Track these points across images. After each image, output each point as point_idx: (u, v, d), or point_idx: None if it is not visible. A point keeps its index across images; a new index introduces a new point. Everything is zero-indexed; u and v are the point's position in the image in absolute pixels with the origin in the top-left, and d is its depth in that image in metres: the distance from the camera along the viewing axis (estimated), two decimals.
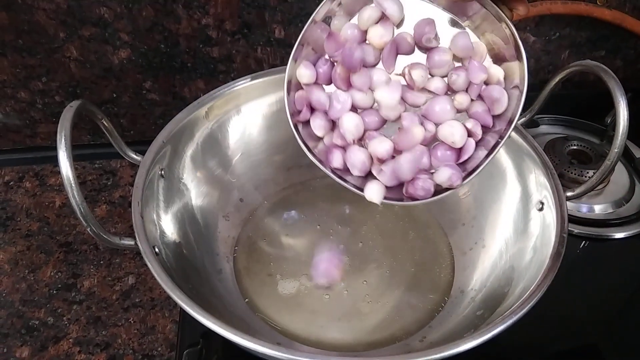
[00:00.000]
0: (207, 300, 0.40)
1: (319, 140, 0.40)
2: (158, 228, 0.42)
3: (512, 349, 0.45)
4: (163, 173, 0.44)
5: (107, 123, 0.42)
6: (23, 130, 0.61)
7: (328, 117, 0.38)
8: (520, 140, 0.46)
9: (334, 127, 0.39)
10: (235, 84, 0.50)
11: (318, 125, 0.39)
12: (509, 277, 0.42)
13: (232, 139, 0.52)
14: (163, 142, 0.44)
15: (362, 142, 0.38)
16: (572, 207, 0.55)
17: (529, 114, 0.50)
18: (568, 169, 0.56)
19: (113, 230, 0.54)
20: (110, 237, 0.37)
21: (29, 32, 0.52)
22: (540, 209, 0.43)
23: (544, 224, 0.42)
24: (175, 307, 0.47)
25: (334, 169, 0.39)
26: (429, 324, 0.44)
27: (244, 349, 0.32)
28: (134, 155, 0.44)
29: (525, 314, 0.34)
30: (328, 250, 0.50)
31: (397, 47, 0.38)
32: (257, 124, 0.52)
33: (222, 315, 0.35)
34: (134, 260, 0.51)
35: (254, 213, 0.53)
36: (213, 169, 0.51)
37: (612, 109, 0.39)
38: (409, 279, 0.48)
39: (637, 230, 0.54)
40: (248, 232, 0.52)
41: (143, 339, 0.45)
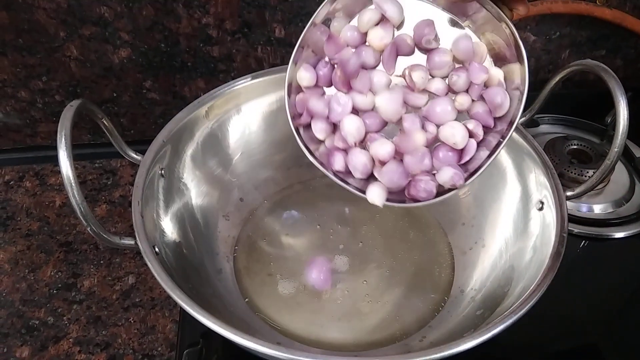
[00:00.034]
0: (207, 300, 0.40)
1: (321, 143, 0.39)
2: (158, 227, 0.42)
3: (512, 349, 0.45)
4: (163, 172, 0.44)
5: (107, 122, 0.42)
6: (23, 130, 0.61)
7: (329, 120, 0.38)
8: (520, 140, 0.46)
9: (335, 129, 0.39)
10: (236, 84, 0.50)
11: (319, 129, 0.39)
12: (509, 276, 0.42)
13: (232, 139, 0.52)
14: (163, 141, 0.44)
15: (363, 144, 0.38)
16: (572, 206, 0.55)
17: (529, 114, 0.51)
18: (568, 169, 0.56)
19: (113, 230, 0.54)
20: (111, 236, 0.37)
21: (29, 31, 0.52)
22: (540, 209, 0.43)
23: (544, 224, 0.42)
24: (176, 306, 0.47)
25: (336, 172, 0.39)
26: (429, 324, 0.44)
27: (244, 349, 0.32)
28: (134, 155, 0.44)
29: (525, 314, 0.34)
30: (319, 258, 0.48)
31: (397, 48, 0.38)
32: (257, 124, 0.52)
33: (222, 315, 0.35)
34: (134, 260, 0.51)
35: (254, 213, 0.53)
36: (213, 169, 0.51)
37: (612, 109, 0.39)
38: (409, 279, 0.48)
39: (637, 230, 0.53)
40: (248, 231, 0.52)
41: (143, 339, 0.45)
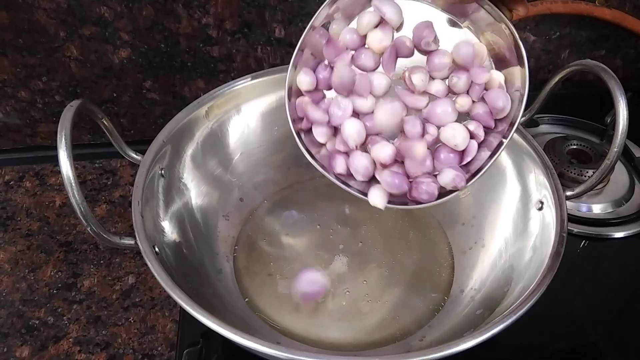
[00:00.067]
0: (207, 300, 0.40)
1: (322, 146, 0.40)
2: (158, 227, 0.42)
3: (511, 349, 0.45)
4: (163, 172, 0.44)
5: (107, 122, 0.42)
6: (23, 130, 0.61)
7: (330, 123, 0.38)
8: (520, 140, 0.46)
9: (336, 132, 0.39)
10: (236, 84, 0.50)
11: (320, 132, 0.39)
12: (509, 276, 0.42)
13: (232, 139, 0.52)
14: (163, 141, 0.44)
15: (364, 146, 0.38)
16: (571, 206, 0.55)
17: (529, 114, 0.50)
18: (568, 169, 0.56)
19: (113, 230, 0.54)
20: (110, 236, 0.37)
21: (29, 31, 0.53)
22: (540, 209, 0.43)
23: (544, 224, 0.42)
24: (175, 306, 0.47)
25: (338, 175, 0.39)
26: (429, 324, 0.44)
27: (244, 348, 0.32)
28: (134, 155, 0.44)
29: (525, 314, 0.34)
30: (309, 272, 0.47)
31: (396, 51, 0.38)
32: (257, 124, 0.52)
33: (222, 315, 0.35)
34: (134, 260, 0.51)
35: (254, 212, 0.53)
36: (213, 169, 0.51)
37: (611, 109, 0.39)
38: (409, 279, 0.48)
39: (636, 230, 0.53)
40: (248, 231, 0.52)
41: (143, 339, 0.45)
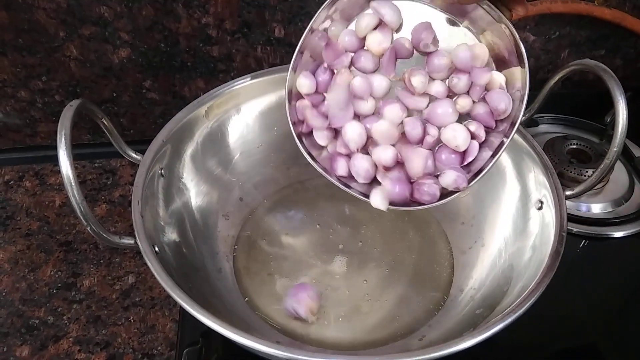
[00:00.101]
0: (206, 299, 0.40)
1: (323, 148, 0.40)
2: (158, 227, 0.42)
3: (511, 348, 0.45)
4: (163, 172, 0.44)
5: (107, 122, 0.42)
6: (23, 130, 0.61)
7: (330, 126, 0.38)
8: (520, 140, 0.46)
9: (337, 134, 0.39)
10: (235, 83, 0.50)
11: (321, 135, 0.39)
12: (508, 276, 0.42)
13: (231, 138, 0.52)
14: (163, 141, 0.44)
15: (366, 147, 0.38)
16: (571, 206, 0.55)
17: (529, 113, 0.51)
18: (567, 168, 0.56)
19: (113, 230, 0.54)
20: (110, 236, 0.37)
21: (29, 31, 0.53)
22: (540, 208, 0.43)
23: (543, 223, 0.42)
24: (175, 306, 0.47)
25: (339, 177, 0.39)
26: (428, 323, 0.44)
27: (244, 348, 0.32)
28: (134, 155, 0.44)
29: (524, 313, 0.34)
30: (302, 286, 0.45)
31: (395, 52, 0.38)
32: (256, 123, 0.52)
33: (221, 314, 0.36)
34: (134, 259, 0.51)
35: (254, 212, 0.54)
36: (213, 168, 0.51)
37: (611, 108, 0.39)
38: (409, 278, 0.48)
39: (636, 229, 0.53)
40: (248, 231, 0.52)
41: (143, 338, 0.45)
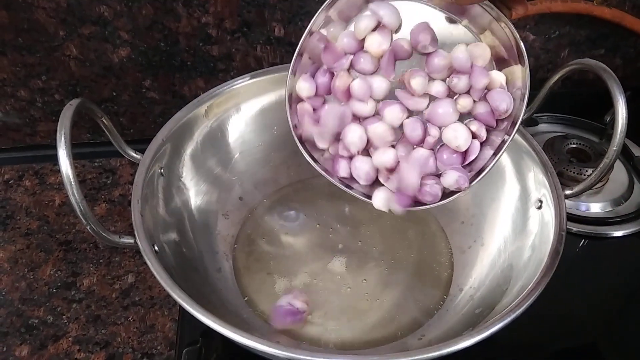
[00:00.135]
0: (206, 299, 0.40)
1: (324, 150, 0.40)
2: (157, 226, 0.42)
3: (510, 348, 0.45)
4: (163, 171, 0.44)
5: (106, 121, 0.42)
6: (23, 129, 0.61)
7: None
8: (520, 139, 0.46)
9: (338, 135, 0.39)
10: (235, 83, 0.50)
11: (321, 140, 0.39)
12: (508, 275, 0.42)
13: (231, 138, 0.52)
14: (163, 140, 0.44)
15: (367, 148, 0.38)
16: (570, 205, 0.55)
17: (528, 112, 0.50)
18: (567, 168, 0.56)
19: (112, 229, 0.54)
20: (110, 235, 0.37)
21: (29, 30, 0.52)
22: (539, 207, 0.43)
23: (543, 222, 0.42)
24: (175, 305, 0.47)
25: (341, 178, 0.39)
26: (428, 322, 0.44)
27: (244, 347, 0.32)
28: (134, 154, 0.44)
29: (524, 312, 0.34)
30: (288, 299, 0.44)
31: (394, 54, 0.38)
32: (256, 122, 0.52)
33: (221, 314, 0.35)
34: (134, 259, 0.51)
35: (254, 211, 0.54)
36: (212, 168, 0.51)
37: (611, 108, 0.39)
38: (408, 277, 0.48)
39: (635, 229, 0.53)
40: (247, 230, 0.52)
41: (142, 338, 0.45)
